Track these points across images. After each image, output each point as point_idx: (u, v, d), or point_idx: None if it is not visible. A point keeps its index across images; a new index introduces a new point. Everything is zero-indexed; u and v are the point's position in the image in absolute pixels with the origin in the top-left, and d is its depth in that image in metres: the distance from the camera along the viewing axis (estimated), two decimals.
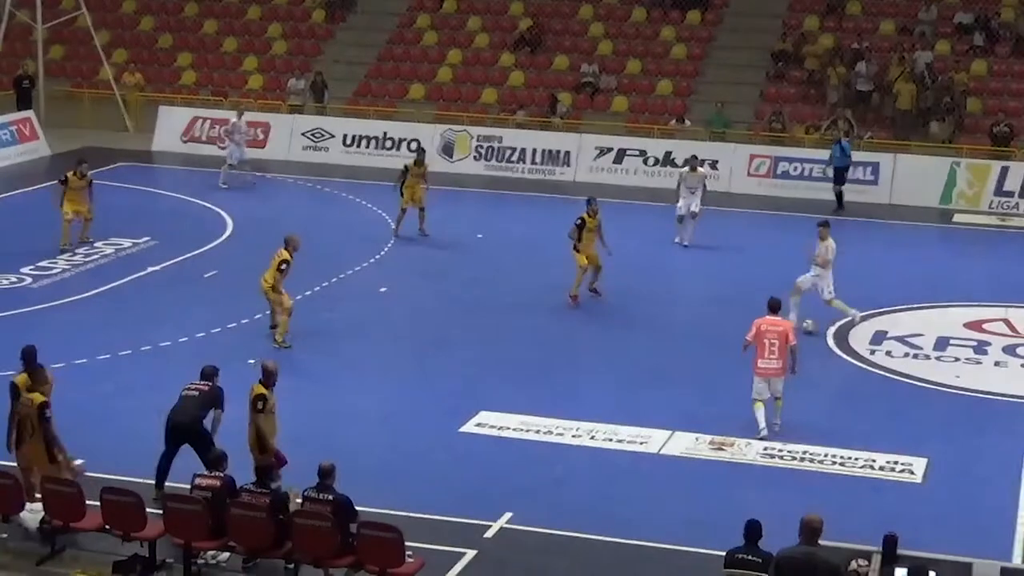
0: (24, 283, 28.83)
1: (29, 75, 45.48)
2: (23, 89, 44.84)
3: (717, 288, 30.05)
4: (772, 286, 24.15)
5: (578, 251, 28.06)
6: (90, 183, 31.69)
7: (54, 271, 29.66)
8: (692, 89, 45.80)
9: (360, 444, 20.79)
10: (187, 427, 18.54)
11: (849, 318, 27.25)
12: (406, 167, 33.58)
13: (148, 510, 16.77)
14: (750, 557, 14.51)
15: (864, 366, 25.51)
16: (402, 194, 33.38)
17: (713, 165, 40.01)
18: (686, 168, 34.24)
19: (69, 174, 31.47)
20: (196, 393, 18.72)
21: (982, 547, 16.65)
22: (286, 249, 25.62)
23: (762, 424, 21.67)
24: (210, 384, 18.85)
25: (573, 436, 21.55)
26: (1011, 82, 44.29)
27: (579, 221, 28.18)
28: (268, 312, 26.01)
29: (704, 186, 33.61)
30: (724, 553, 14.78)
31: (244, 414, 18.34)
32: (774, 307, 22.17)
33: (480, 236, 34.26)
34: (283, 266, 25.45)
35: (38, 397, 17.65)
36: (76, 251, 31.00)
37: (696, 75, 46.37)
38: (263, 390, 18.30)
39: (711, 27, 47.91)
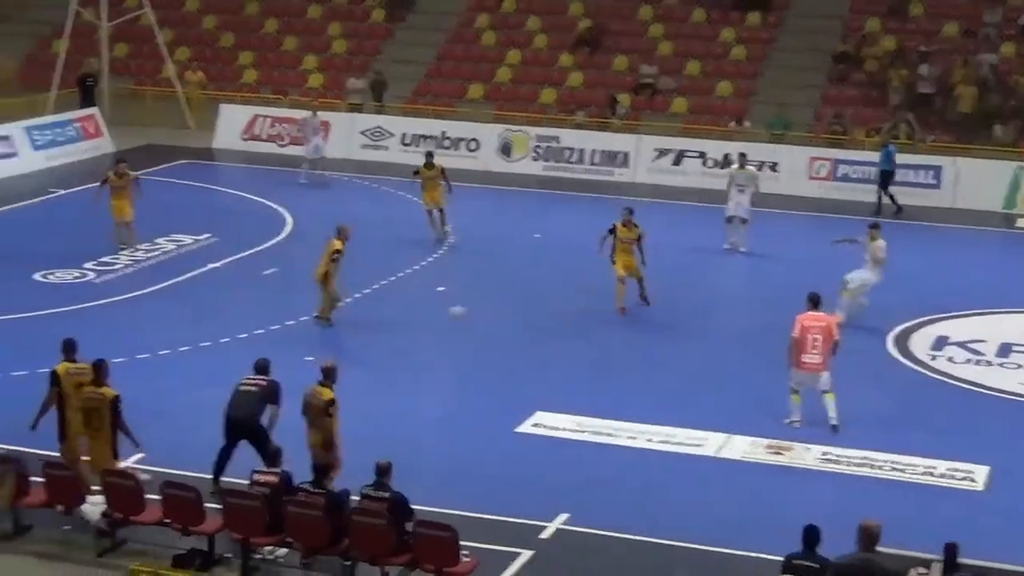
0: (87, 278, 29.07)
1: (93, 73, 45.83)
2: (87, 87, 45.19)
3: (775, 291, 29.85)
4: (831, 289, 24.06)
5: (613, 262, 27.88)
6: (134, 182, 31.60)
7: (116, 266, 29.89)
8: (752, 91, 45.64)
9: (416, 443, 20.81)
10: (245, 422, 18.64)
11: (840, 312, 26.54)
12: (416, 171, 33.54)
13: (207, 505, 16.92)
14: (808, 563, 14.45)
15: (925, 372, 25.33)
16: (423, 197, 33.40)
17: (773, 167, 39.90)
18: (735, 166, 34.14)
19: (109, 174, 31.50)
20: (255, 388, 18.80)
21: None
22: (338, 239, 25.87)
23: (797, 416, 21.88)
24: (267, 379, 18.93)
25: (629, 438, 21.52)
26: None
27: (611, 227, 27.94)
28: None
29: (756, 185, 33.40)
30: (782, 558, 14.72)
31: (299, 410, 18.41)
32: (816, 301, 22.38)
33: (538, 236, 34.23)
34: (336, 256, 25.69)
35: (110, 391, 17.82)
36: (138, 247, 31.18)
37: (756, 76, 46.21)
38: (332, 394, 18.33)
39: (772, 28, 47.73)
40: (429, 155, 34.51)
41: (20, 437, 18.56)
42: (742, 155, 34.78)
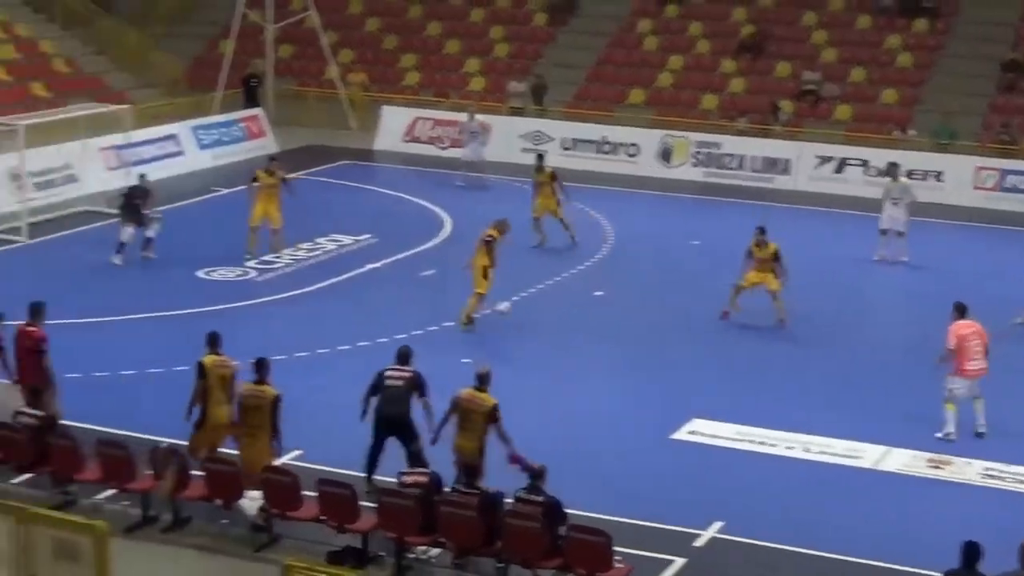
0: (248, 276, 29.51)
1: (257, 74, 46.56)
2: (250, 88, 45.91)
3: (935, 302, 29.23)
4: (994, 303, 23.52)
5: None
6: (283, 182, 31.15)
7: (277, 265, 30.29)
8: (917, 98, 44.93)
9: (571, 447, 20.79)
10: (398, 419, 18.72)
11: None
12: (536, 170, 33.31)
13: (361, 503, 17.07)
14: None
15: None
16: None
17: (937, 177, 39.28)
18: (888, 178, 33.56)
19: (259, 172, 31.15)
20: (401, 383, 18.84)
21: None
22: (494, 228, 26.11)
23: (952, 428, 21.61)
24: (412, 370, 18.99)
25: (787, 448, 21.33)
26: None
27: (747, 250, 27.44)
28: (489, 311, 26.44)
29: (912, 197, 32.81)
30: (941, 574, 14.45)
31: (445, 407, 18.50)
32: (963, 310, 22.23)
33: (696, 243, 34.04)
34: (488, 240, 25.86)
35: (271, 391, 18.05)
36: (299, 246, 31.53)
37: (922, 84, 45.48)
38: (494, 399, 18.34)
39: (939, 36, 46.91)
40: (539, 157, 34.23)
41: (183, 431, 18.89)
42: (894, 166, 34.26)
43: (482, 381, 18.40)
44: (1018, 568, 13.55)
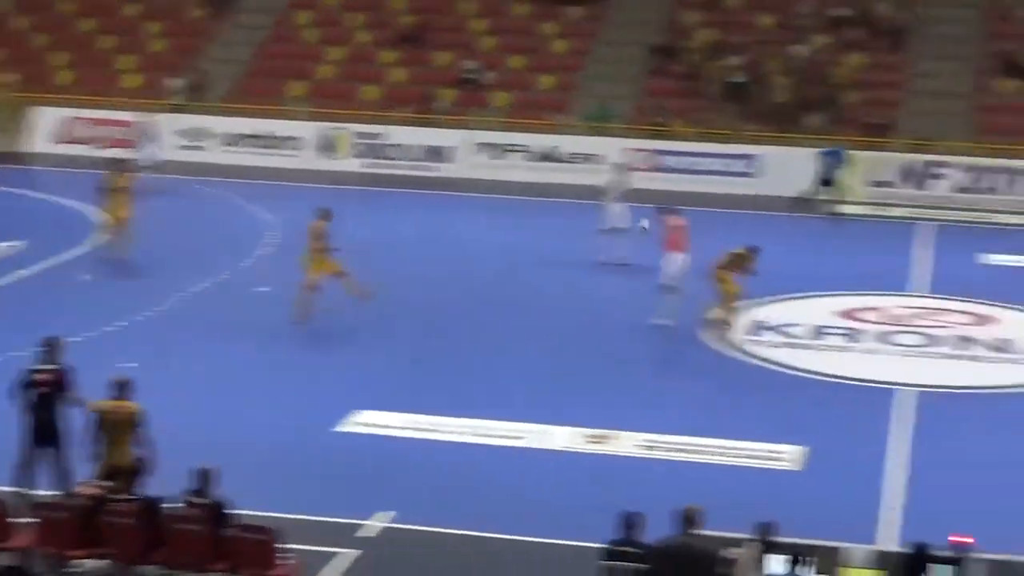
0: None
1: None
2: None
3: (592, 288, 30.04)
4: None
5: None
6: None
7: None
8: (574, 84, 45.87)
9: (236, 445, 20.35)
10: (47, 426, 17.87)
11: None
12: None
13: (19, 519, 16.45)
14: (629, 548, 14.51)
15: (742, 356, 25.68)
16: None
17: (592, 159, 40.24)
18: (613, 176, 33.08)
19: None
20: (47, 388, 17.91)
21: (859, 532, 16.79)
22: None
23: None
24: (59, 366, 18.07)
25: (455, 433, 21.50)
26: (885, 74, 44.91)
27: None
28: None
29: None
30: (603, 545, 14.75)
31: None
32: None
33: (363, 233, 33.96)
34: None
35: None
36: None
37: (578, 70, 46.45)
38: (137, 404, 17.76)
39: (594, 22, 47.98)
40: (120, 161, 32.91)
41: None
42: (620, 165, 34.41)
43: (123, 389, 17.62)
44: (677, 532, 13.93)
